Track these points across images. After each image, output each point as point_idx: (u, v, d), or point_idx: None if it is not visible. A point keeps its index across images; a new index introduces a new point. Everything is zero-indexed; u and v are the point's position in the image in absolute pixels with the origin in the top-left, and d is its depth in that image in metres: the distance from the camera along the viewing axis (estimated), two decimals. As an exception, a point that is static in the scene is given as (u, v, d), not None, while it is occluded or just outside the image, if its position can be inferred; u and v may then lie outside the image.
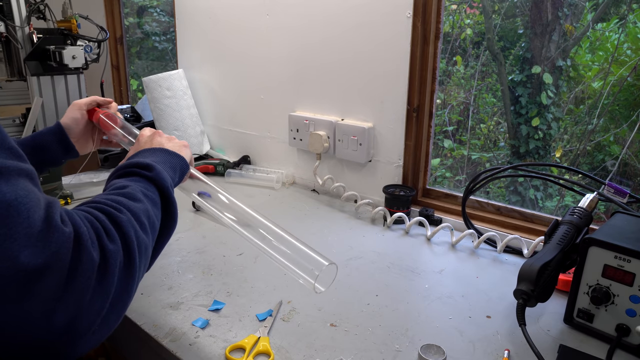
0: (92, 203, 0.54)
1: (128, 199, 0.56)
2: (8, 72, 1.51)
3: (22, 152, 0.46)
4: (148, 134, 0.79)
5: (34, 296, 0.41)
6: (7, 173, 0.43)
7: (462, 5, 2.58)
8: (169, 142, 0.77)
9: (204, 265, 0.99)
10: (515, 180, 2.30)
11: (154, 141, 0.76)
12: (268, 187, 1.50)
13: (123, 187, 0.59)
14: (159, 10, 3.22)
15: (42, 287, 0.41)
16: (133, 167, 0.64)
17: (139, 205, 0.57)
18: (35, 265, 0.41)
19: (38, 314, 0.41)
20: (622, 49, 2.11)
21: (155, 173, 0.64)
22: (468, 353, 0.73)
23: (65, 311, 0.43)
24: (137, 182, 0.61)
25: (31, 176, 0.46)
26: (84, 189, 1.43)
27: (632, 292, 0.72)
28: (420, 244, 1.13)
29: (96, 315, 0.45)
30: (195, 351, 0.73)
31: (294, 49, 1.45)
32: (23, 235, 0.41)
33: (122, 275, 0.49)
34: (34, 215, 0.42)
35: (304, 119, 1.43)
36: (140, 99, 1.95)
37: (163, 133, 0.79)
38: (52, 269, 0.42)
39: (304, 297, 0.88)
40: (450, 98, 2.66)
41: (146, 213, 0.57)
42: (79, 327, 0.44)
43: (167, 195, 0.63)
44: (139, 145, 0.76)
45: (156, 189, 0.63)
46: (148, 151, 0.72)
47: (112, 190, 0.59)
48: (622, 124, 2.09)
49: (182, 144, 0.79)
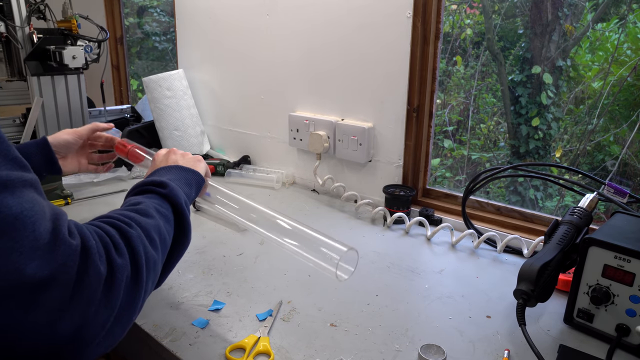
0: (105, 218, 0.55)
1: (140, 214, 0.58)
2: (8, 72, 1.51)
3: (26, 162, 0.47)
4: (163, 153, 0.83)
5: (40, 306, 0.41)
6: (12, 185, 0.43)
7: (462, 5, 2.58)
8: (183, 159, 0.80)
9: (204, 265, 0.99)
10: (515, 180, 2.31)
11: (169, 159, 0.80)
12: (268, 187, 1.50)
13: (137, 204, 0.61)
14: (159, 10, 3.22)
15: (47, 298, 0.42)
16: (148, 185, 0.66)
17: (150, 221, 0.58)
18: (42, 277, 0.41)
19: (43, 323, 0.42)
20: (622, 49, 2.11)
21: (169, 190, 0.65)
22: (468, 353, 0.73)
23: (71, 321, 0.43)
24: (151, 199, 0.63)
25: (35, 186, 0.46)
26: (84, 189, 1.43)
27: (632, 292, 0.72)
28: (420, 244, 1.13)
29: (101, 328, 0.46)
30: (195, 351, 0.73)
31: (294, 49, 1.45)
32: (29, 248, 0.41)
33: (129, 289, 0.49)
34: (39, 228, 0.43)
35: (304, 119, 1.43)
36: (140, 99, 1.95)
37: (177, 150, 0.83)
38: (58, 281, 0.42)
39: (304, 297, 0.88)
40: (450, 98, 2.66)
41: (157, 229, 0.58)
42: (84, 337, 0.44)
43: (180, 212, 0.65)
44: (155, 165, 0.80)
45: (170, 205, 0.64)
46: (164, 169, 0.75)
47: (126, 207, 0.60)
48: (622, 124, 2.09)
49: (196, 158, 0.82)
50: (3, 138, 0.45)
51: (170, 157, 0.81)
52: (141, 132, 1.71)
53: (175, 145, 1.68)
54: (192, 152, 1.70)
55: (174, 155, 0.81)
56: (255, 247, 1.09)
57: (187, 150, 1.69)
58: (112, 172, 1.54)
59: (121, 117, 1.83)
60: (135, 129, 1.70)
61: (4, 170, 0.43)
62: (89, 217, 0.65)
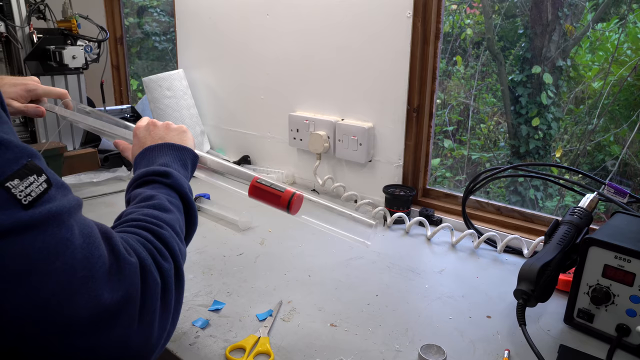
0: (132, 222, 0.55)
1: (160, 211, 0.58)
2: (8, 72, 1.51)
3: (66, 183, 0.47)
4: (144, 126, 0.76)
5: (116, 327, 0.43)
6: (73, 212, 0.44)
7: (462, 5, 2.58)
8: (168, 133, 0.74)
9: (204, 265, 0.99)
10: (515, 180, 2.30)
11: (153, 134, 0.74)
12: (268, 187, 1.50)
13: (150, 198, 0.60)
14: (159, 10, 3.22)
15: (124, 317, 0.43)
16: (150, 175, 0.64)
17: (171, 216, 0.58)
18: (117, 300, 0.43)
19: (118, 341, 0.43)
20: (622, 49, 2.11)
21: (173, 180, 0.64)
22: (468, 353, 0.73)
23: (142, 333, 0.45)
24: (159, 190, 0.62)
25: (81, 205, 0.47)
26: (84, 188, 1.43)
27: (632, 292, 0.72)
28: (420, 244, 1.13)
29: (163, 331, 0.48)
30: (195, 351, 0.73)
31: (294, 48, 1.45)
32: (101, 273, 0.42)
33: (176, 288, 0.52)
34: (102, 251, 0.44)
35: (304, 119, 1.43)
36: (140, 99, 1.95)
37: (157, 122, 0.77)
38: (129, 300, 0.44)
39: (304, 297, 0.88)
40: (450, 98, 2.66)
41: (178, 223, 0.59)
42: (153, 344, 0.46)
43: (186, 200, 0.64)
44: (140, 142, 0.74)
45: (177, 194, 0.64)
46: (155, 149, 0.70)
47: (141, 203, 0.59)
48: (622, 124, 2.09)
49: (181, 129, 0.76)
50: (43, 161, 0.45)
51: (153, 131, 0.74)
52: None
53: (175, 145, 1.68)
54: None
55: (156, 128, 0.75)
56: (255, 247, 1.09)
57: (187, 150, 1.69)
58: (112, 171, 1.54)
59: (121, 117, 1.83)
60: (135, 129, 1.70)
61: (64, 201, 0.43)
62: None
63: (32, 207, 0.40)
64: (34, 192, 0.40)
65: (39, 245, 0.39)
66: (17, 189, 0.39)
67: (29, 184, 0.40)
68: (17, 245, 0.38)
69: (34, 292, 0.39)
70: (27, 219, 0.39)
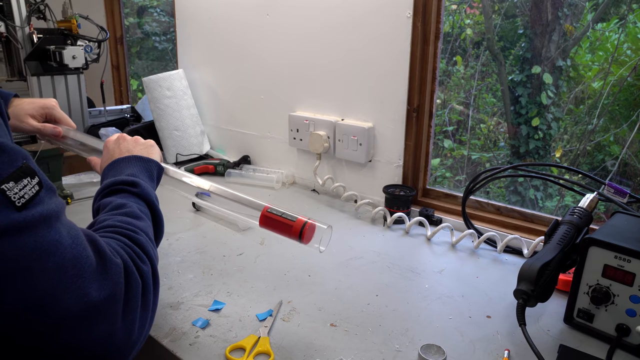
0: (109, 228, 0.57)
1: (133, 218, 0.61)
2: (8, 72, 1.51)
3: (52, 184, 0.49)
4: (114, 140, 0.80)
5: (101, 323, 0.45)
6: (60, 215, 0.46)
7: (462, 5, 2.58)
8: (136, 146, 0.79)
9: (204, 265, 0.99)
10: (515, 180, 2.30)
11: (122, 147, 0.78)
12: (268, 187, 1.50)
13: (122, 206, 0.63)
14: (159, 10, 3.22)
15: (108, 315, 0.45)
16: (119, 184, 0.67)
17: (143, 223, 0.62)
18: (104, 297, 0.45)
19: (103, 337, 0.45)
20: (622, 49, 2.11)
21: (141, 189, 0.67)
22: (468, 353, 0.73)
23: (125, 331, 0.47)
24: (128, 199, 0.65)
25: (64, 208, 0.49)
26: (84, 188, 1.43)
27: (632, 292, 0.72)
28: (420, 244, 1.13)
29: (142, 329, 0.51)
30: (195, 351, 0.73)
31: (294, 49, 1.45)
32: (89, 272, 0.45)
33: (154, 289, 0.55)
34: (89, 252, 0.46)
35: (304, 119, 1.43)
36: (140, 99, 1.95)
37: (127, 136, 0.81)
38: (115, 298, 0.47)
39: (304, 297, 0.88)
40: (450, 98, 2.66)
41: (150, 229, 0.63)
42: (134, 341, 0.49)
43: (153, 208, 0.68)
44: (109, 154, 0.78)
45: (145, 203, 0.67)
46: (123, 161, 0.74)
47: (114, 211, 0.62)
48: (622, 124, 2.09)
49: (148, 144, 0.81)
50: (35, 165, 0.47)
51: (122, 144, 0.78)
52: (141, 132, 1.71)
53: (175, 145, 1.69)
54: (192, 152, 1.71)
55: (125, 142, 0.79)
56: (255, 247, 1.09)
57: (187, 150, 1.69)
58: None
59: (121, 117, 1.83)
60: (135, 129, 1.70)
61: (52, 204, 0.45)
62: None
63: (24, 209, 0.42)
64: (27, 195, 0.42)
65: (32, 245, 0.41)
66: (12, 192, 0.41)
67: (22, 187, 0.42)
68: (11, 246, 0.40)
69: (27, 291, 0.41)
70: (21, 220, 0.41)
